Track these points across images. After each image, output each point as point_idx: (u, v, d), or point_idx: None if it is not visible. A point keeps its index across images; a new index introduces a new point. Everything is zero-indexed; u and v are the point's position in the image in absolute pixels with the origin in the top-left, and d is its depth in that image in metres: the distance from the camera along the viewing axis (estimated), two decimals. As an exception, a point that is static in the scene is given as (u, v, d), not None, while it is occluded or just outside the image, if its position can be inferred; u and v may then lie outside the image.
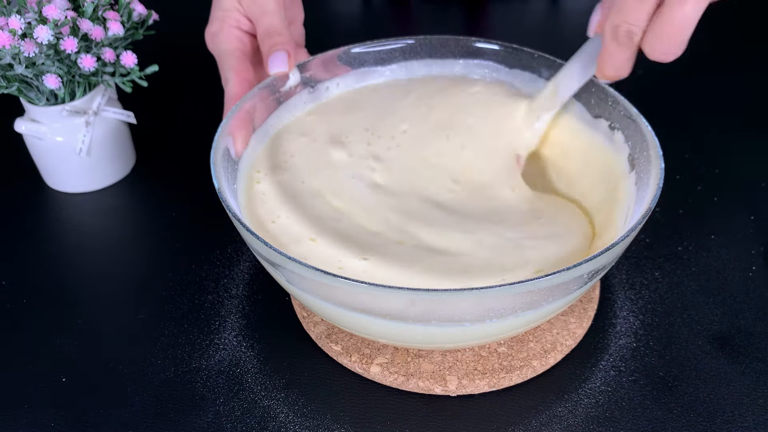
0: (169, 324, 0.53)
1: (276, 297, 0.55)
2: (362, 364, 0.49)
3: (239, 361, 0.51)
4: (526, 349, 0.50)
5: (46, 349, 0.52)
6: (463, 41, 0.59)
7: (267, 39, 0.54)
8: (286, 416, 0.48)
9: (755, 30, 0.86)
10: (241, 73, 0.54)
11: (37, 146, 0.62)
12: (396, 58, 0.60)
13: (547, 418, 0.47)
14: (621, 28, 0.43)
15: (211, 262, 0.58)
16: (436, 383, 0.48)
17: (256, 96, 0.53)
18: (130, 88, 0.61)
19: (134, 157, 0.67)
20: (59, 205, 0.64)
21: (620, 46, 0.44)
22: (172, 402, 0.48)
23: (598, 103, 0.54)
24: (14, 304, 0.55)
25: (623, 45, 0.44)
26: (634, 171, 0.50)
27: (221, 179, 0.47)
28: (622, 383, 0.49)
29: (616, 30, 0.43)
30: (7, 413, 0.48)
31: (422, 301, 0.41)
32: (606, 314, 0.53)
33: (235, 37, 0.56)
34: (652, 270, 0.57)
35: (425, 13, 0.90)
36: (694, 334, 0.52)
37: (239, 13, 0.56)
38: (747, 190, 0.63)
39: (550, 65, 0.56)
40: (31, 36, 0.54)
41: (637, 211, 0.46)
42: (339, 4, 0.91)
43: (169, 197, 0.64)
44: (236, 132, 0.51)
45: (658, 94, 0.75)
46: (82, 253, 0.60)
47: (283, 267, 0.43)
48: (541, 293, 0.41)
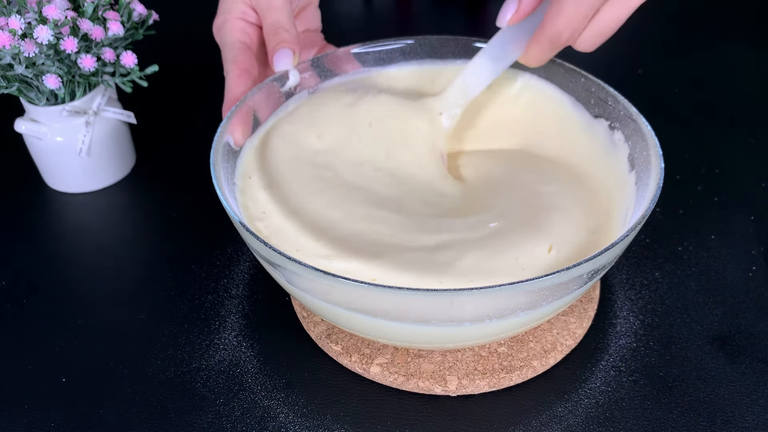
0: (169, 324, 0.53)
1: (276, 297, 0.55)
2: (362, 364, 0.49)
3: (239, 361, 0.51)
4: (526, 349, 0.50)
5: (46, 349, 0.52)
6: (463, 41, 0.59)
7: (273, 35, 0.54)
8: (286, 416, 0.48)
9: (755, 30, 0.86)
10: (241, 64, 0.54)
11: (37, 146, 0.62)
12: (396, 58, 0.60)
13: (547, 418, 0.47)
14: (563, 35, 0.45)
15: (211, 262, 0.58)
16: (436, 383, 0.48)
17: (257, 95, 0.53)
18: (130, 88, 0.61)
19: (134, 157, 0.67)
20: (59, 205, 0.64)
21: (555, 48, 0.47)
22: (172, 402, 0.48)
23: (598, 103, 0.54)
24: (14, 304, 0.55)
25: (558, 47, 0.47)
26: (634, 171, 0.50)
27: (221, 179, 0.47)
28: (622, 383, 0.49)
29: (559, 36, 0.46)
30: (7, 413, 0.48)
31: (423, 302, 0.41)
32: (606, 314, 0.53)
33: (239, 29, 0.55)
34: (652, 270, 0.57)
35: (425, 13, 0.90)
36: (694, 334, 0.52)
37: (245, 5, 0.55)
38: (747, 190, 0.63)
39: (550, 65, 0.56)
40: (31, 36, 0.54)
41: (637, 211, 0.46)
42: (339, 4, 0.91)
43: (169, 197, 0.64)
44: (236, 129, 0.51)
45: (658, 94, 0.75)
46: (82, 253, 0.60)
47: (283, 267, 0.43)
48: (541, 293, 0.41)
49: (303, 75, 0.57)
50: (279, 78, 0.55)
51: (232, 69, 0.53)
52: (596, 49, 0.47)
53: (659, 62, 0.80)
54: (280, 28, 0.54)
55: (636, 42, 0.84)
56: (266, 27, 0.54)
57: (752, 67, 0.80)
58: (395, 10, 0.91)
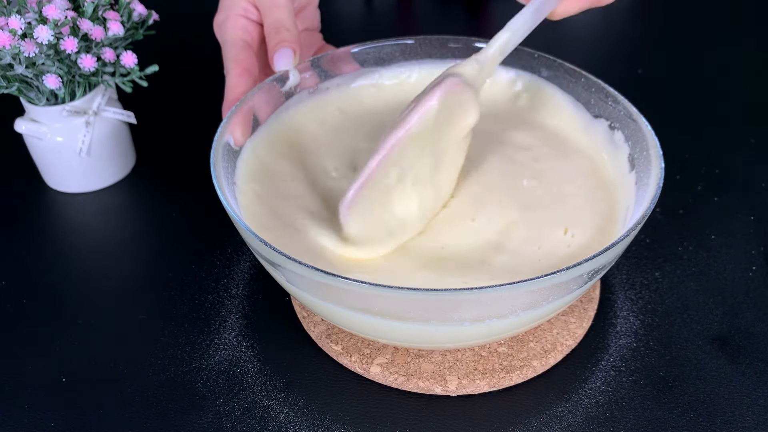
0: (169, 324, 0.53)
1: (276, 297, 0.55)
2: (362, 364, 0.49)
3: (239, 361, 0.51)
4: (526, 349, 0.50)
5: (46, 349, 0.52)
6: (463, 41, 0.59)
7: (274, 34, 0.54)
8: (286, 416, 0.48)
9: (755, 30, 0.86)
10: (241, 63, 0.54)
11: (37, 146, 0.62)
12: (396, 58, 0.60)
13: (547, 418, 0.47)
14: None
15: (211, 262, 0.58)
16: (436, 383, 0.48)
17: (257, 95, 0.53)
18: (130, 88, 0.61)
19: (134, 157, 0.67)
20: (59, 205, 0.64)
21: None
22: (172, 402, 0.48)
23: (598, 103, 0.54)
24: (14, 304, 0.55)
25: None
26: (634, 171, 0.50)
27: (221, 179, 0.47)
28: (622, 383, 0.49)
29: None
30: (7, 413, 0.48)
31: (422, 301, 0.41)
32: (606, 314, 0.53)
33: (241, 27, 0.55)
34: (652, 270, 0.57)
35: (425, 13, 0.90)
36: (694, 334, 0.52)
37: (247, 2, 0.55)
38: (747, 190, 0.63)
39: (550, 65, 0.56)
40: (31, 36, 0.54)
41: (637, 211, 0.46)
42: (339, 4, 0.91)
43: (169, 197, 0.64)
44: (236, 129, 0.51)
45: (658, 94, 0.75)
46: (82, 253, 0.60)
47: (283, 267, 0.43)
48: (541, 293, 0.41)
49: (303, 75, 0.57)
50: (279, 78, 0.55)
51: (233, 68, 0.53)
52: (598, 45, 0.46)
53: (659, 62, 0.80)
54: (282, 27, 0.54)
55: (636, 42, 0.84)
56: (267, 25, 0.54)
57: (752, 67, 0.80)
58: (395, 10, 0.91)
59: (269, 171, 0.53)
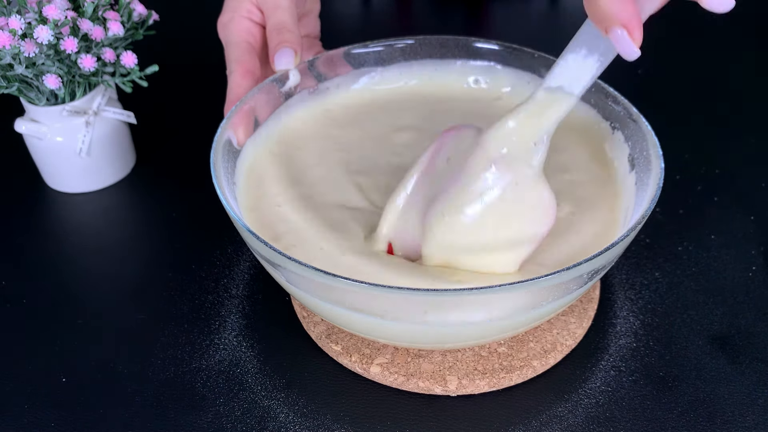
0: (169, 324, 0.53)
1: (276, 297, 0.55)
2: (362, 364, 0.49)
3: (239, 361, 0.51)
4: (526, 349, 0.50)
5: (46, 349, 0.52)
6: (463, 41, 0.59)
7: (276, 34, 0.54)
8: (286, 416, 0.48)
9: (755, 30, 0.86)
10: (245, 64, 0.54)
11: (37, 146, 0.62)
12: (396, 59, 0.60)
13: (547, 418, 0.47)
14: None
15: (211, 262, 0.58)
16: (436, 383, 0.48)
17: (257, 95, 0.53)
18: (130, 88, 0.61)
19: (134, 157, 0.67)
20: (59, 205, 0.64)
21: None
22: (172, 402, 0.48)
23: (598, 103, 0.54)
24: (14, 304, 0.55)
25: None
26: (634, 171, 0.50)
27: (221, 179, 0.47)
28: (622, 383, 0.49)
29: None
30: (7, 413, 0.48)
31: (423, 302, 0.41)
32: (606, 314, 0.53)
33: (245, 28, 0.55)
34: (652, 270, 0.57)
35: (425, 13, 0.90)
36: (694, 334, 0.52)
37: (252, 4, 0.56)
38: (747, 190, 0.63)
39: (550, 65, 0.56)
40: (31, 36, 0.54)
41: (637, 211, 0.46)
42: (339, 4, 0.91)
43: (169, 197, 0.64)
44: (237, 129, 0.51)
45: (658, 94, 0.75)
46: (82, 253, 0.60)
47: (283, 267, 0.43)
48: (541, 293, 0.41)
49: (303, 76, 0.57)
50: (279, 78, 0.55)
51: (236, 68, 0.54)
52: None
53: (659, 62, 0.80)
54: (284, 28, 0.54)
55: (636, 42, 0.84)
56: (270, 26, 0.55)
57: (752, 67, 0.80)
58: (395, 10, 0.91)
59: (269, 171, 0.53)
